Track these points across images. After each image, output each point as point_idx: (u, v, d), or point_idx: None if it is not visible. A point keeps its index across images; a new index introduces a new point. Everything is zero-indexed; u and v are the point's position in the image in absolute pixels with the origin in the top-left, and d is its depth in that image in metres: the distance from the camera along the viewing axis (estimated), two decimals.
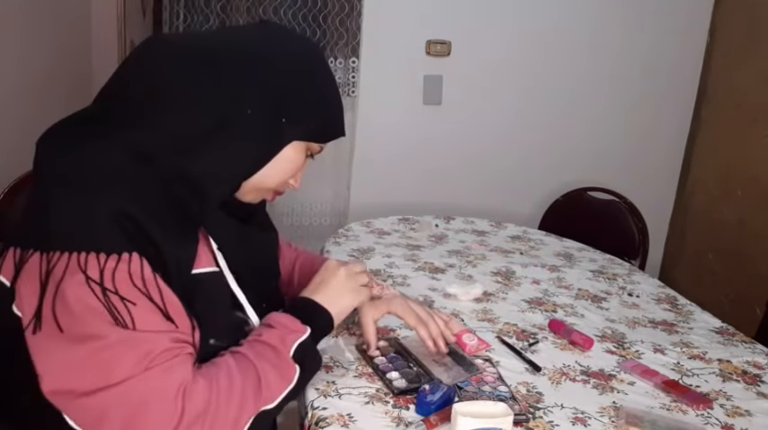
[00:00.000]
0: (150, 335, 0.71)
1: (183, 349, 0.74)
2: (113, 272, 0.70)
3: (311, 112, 0.88)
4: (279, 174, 0.88)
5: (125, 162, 0.75)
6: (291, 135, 0.86)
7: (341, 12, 2.53)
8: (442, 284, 1.48)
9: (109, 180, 0.73)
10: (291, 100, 0.85)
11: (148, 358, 0.70)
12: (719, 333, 1.32)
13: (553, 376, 1.09)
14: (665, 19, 2.62)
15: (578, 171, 2.68)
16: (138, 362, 0.69)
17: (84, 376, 0.69)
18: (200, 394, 0.73)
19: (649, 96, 2.71)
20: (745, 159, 2.42)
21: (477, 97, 2.66)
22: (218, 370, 0.77)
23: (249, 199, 0.91)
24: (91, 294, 0.69)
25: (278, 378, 0.81)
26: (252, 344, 0.84)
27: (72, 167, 0.74)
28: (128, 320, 0.69)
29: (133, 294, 0.70)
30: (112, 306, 0.69)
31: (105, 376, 0.68)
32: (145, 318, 0.71)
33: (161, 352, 0.71)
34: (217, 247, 0.86)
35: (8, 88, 2.04)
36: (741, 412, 1.02)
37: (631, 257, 2.08)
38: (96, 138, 0.76)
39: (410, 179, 2.71)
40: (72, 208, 0.72)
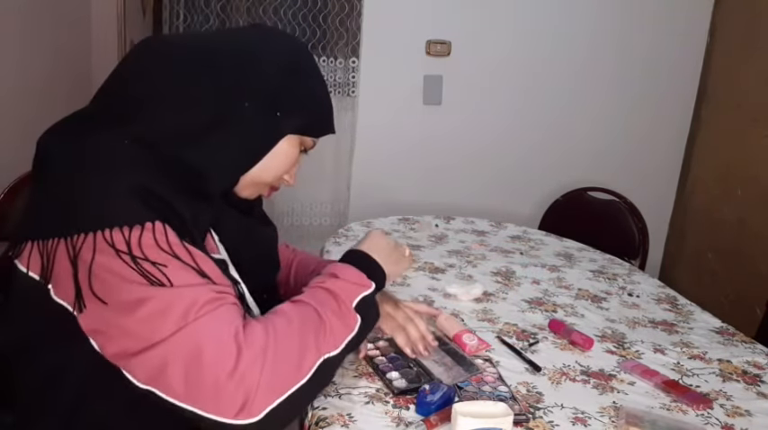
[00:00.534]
0: (190, 289, 0.72)
1: (227, 299, 0.75)
2: (139, 240, 0.71)
3: (303, 106, 0.91)
4: (275, 167, 0.90)
5: (130, 148, 0.76)
6: (286, 128, 0.89)
7: (341, 12, 2.53)
8: (441, 284, 1.48)
9: (120, 160, 0.74)
10: (284, 95, 0.87)
11: (195, 308, 0.71)
12: (719, 333, 1.32)
13: (553, 376, 1.09)
14: (665, 19, 2.63)
15: (578, 171, 2.68)
16: (185, 313, 0.71)
17: (138, 335, 0.70)
18: (257, 334, 0.73)
19: (649, 96, 2.71)
20: (745, 159, 2.42)
21: (477, 97, 2.66)
22: (276, 316, 0.79)
23: (246, 194, 0.93)
24: (123, 265, 0.70)
25: (341, 325, 0.83)
26: (314, 290, 0.86)
27: (80, 152, 0.75)
28: (164, 280, 0.71)
29: (163, 257, 0.72)
30: (146, 271, 0.71)
31: (158, 331, 0.70)
32: (180, 276, 0.72)
33: (205, 302, 0.72)
34: (218, 239, 0.87)
35: (8, 88, 2.04)
36: (741, 412, 1.02)
37: (631, 257, 2.08)
38: (98, 132, 0.77)
39: (410, 179, 2.71)
40: (88, 188, 0.72)
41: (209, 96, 0.81)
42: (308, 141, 0.94)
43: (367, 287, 0.90)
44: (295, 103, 0.89)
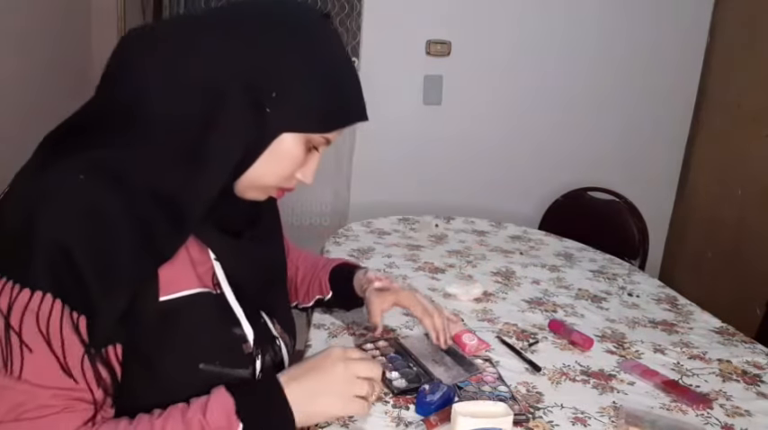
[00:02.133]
0: (31, 388, 0.65)
1: (70, 407, 0.67)
2: (23, 308, 0.65)
3: (302, 97, 0.74)
4: (276, 170, 0.78)
5: (92, 188, 0.68)
6: (278, 126, 0.74)
7: (341, 12, 2.53)
8: (442, 284, 1.48)
9: (60, 208, 0.66)
10: (275, 82, 0.72)
11: (21, 409, 0.65)
12: (719, 333, 1.32)
13: (553, 376, 1.09)
14: (665, 19, 2.62)
15: (578, 171, 2.68)
16: (9, 409, 0.65)
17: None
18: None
19: (649, 96, 2.70)
20: (745, 159, 2.42)
21: (477, 97, 2.66)
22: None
23: (252, 196, 0.82)
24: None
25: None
26: (172, 415, 0.72)
27: (29, 191, 0.69)
28: (16, 368, 0.65)
29: (34, 339, 0.65)
30: (9, 347, 0.65)
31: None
32: (35, 368, 0.66)
33: (35, 407, 0.65)
34: (215, 257, 0.80)
35: (8, 88, 2.03)
36: (741, 412, 1.02)
37: (631, 257, 2.08)
38: (67, 155, 0.70)
39: (410, 179, 2.71)
40: (13, 232, 0.66)
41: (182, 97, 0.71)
42: (317, 138, 0.78)
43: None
44: (289, 94, 0.73)
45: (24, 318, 0.65)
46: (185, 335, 0.75)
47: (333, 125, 0.78)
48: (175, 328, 0.74)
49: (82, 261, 0.66)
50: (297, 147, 0.77)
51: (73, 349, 0.67)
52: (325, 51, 0.76)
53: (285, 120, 0.74)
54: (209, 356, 0.77)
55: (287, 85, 0.73)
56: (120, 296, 0.69)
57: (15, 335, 0.65)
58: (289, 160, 0.78)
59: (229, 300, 0.81)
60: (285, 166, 0.78)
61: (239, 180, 0.78)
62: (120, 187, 0.69)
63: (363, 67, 2.57)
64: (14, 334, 0.65)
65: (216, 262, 0.81)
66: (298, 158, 0.78)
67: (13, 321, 0.65)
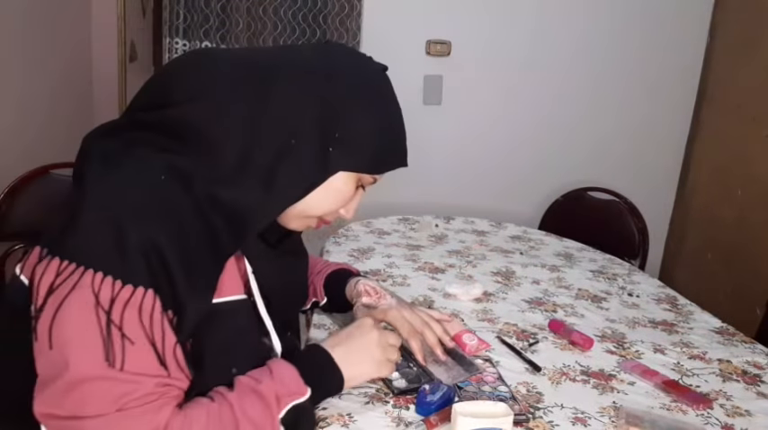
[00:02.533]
0: (135, 377, 0.69)
1: (167, 393, 0.72)
2: (125, 303, 0.68)
3: (361, 143, 0.83)
4: (325, 203, 0.85)
5: (164, 187, 0.73)
6: (338, 165, 0.83)
7: (341, 12, 2.53)
8: (442, 284, 1.48)
9: (148, 206, 0.71)
10: (340, 128, 0.81)
11: (125, 399, 0.68)
12: (719, 333, 1.32)
13: (553, 376, 1.09)
14: (666, 19, 2.62)
15: (578, 171, 2.68)
16: (113, 401, 0.68)
17: (60, 401, 0.68)
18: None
19: (649, 96, 2.70)
20: (745, 159, 2.42)
21: (477, 97, 2.66)
22: (195, 422, 0.73)
23: (293, 226, 0.89)
24: (93, 322, 0.68)
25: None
26: (244, 392, 0.78)
27: (115, 184, 0.72)
28: (118, 360, 0.68)
29: (135, 332, 0.69)
30: (110, 341, 0.68)
31: (80, 407, 0.67)
32: (137, 360, 0.69)
33: (141, 395, 0.69)
34: (251, 271, 0.84)
35: (8, 88, 2.03)
36: (741, 412, 1.02)
37: (631, 257, 2.08)
38: (145, 156, 0.74)
39: (410, 179, 2.70)
40: (103, 225, 0.70)
41: (254, 124, 0.77)
42: (366, 178, 0.88)
43: (300, 395, 0.81)
44: (352, 140, 0.82)
45: (125, 313, 0.68)
46: (225, 339, 0.79)
47: (383, 167, 0.88)
48: (219, 331, 0.78)
49: (173, 259, 0.70)
50: (348, 185, 0.86)
51: (168, 341, 0.71)
52: (384, 102, 0.87)
53: (344, 160, 0.83)
54: (242, 362, 0.82)
55: (350, 130, 0.82)
56: (205, 291, 0.75)
57: (117, 330, 0.68)
58: (339, 196, 0.86)
59: (260, 309, 0.86)
60: (334, 201, 0.86)
61: (289, 210, 0.84)
62: (195, 193, 0.74)
63: None
64: (116, 328, 0.68)
65: (251, 274, 0.85)
66: (347, 195, 0.87)
67: (114, 316, 0.68)
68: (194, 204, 0.74)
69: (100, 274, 0.68)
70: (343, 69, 0.83)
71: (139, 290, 0.69)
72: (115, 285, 0.68)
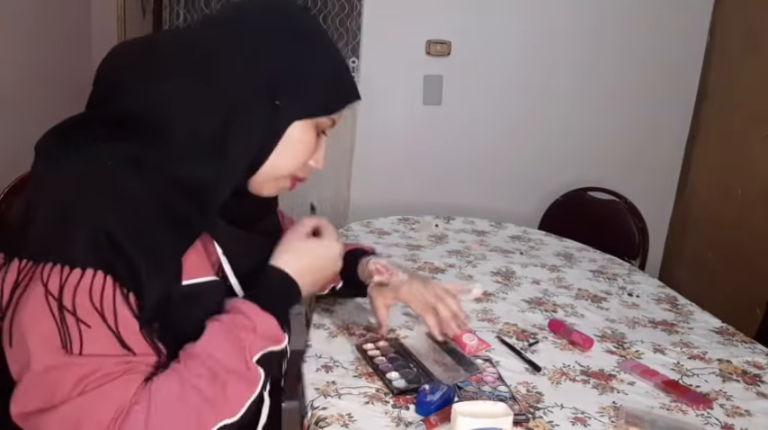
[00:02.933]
0: (95, 360, 0.68)
1: (131, 369, 0.70)
2: (75, 288, 0.67)
3: (305, 87, 0.82)
4: (290, 159, 0.84)
5: (116, 173, 0.72)
6: (290, 116, 0.81)
7: (341, 12, 2.53)
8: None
9: (96, 191, 0.70)
10: (282, 78, 0.80)
11: (85, 381, 0.67)
12: (719, 333, 1.32)
13: (553, 376, 1.09)
14: (665, 19, 2.62)
15: (578, 171, 2.68)
16: (74, 385, 0.67)
17: (30, 398, 0.68)
18: (136, 420, 0.68)
19: (649, 96, 2.70)
20: (745, 159, 2.42)
21: (477, 97, 2.66)
22: (165, 389, 0.71)
23: (268, 191, 0.88)
24: (46, 311, 0.67)
25: (241, 387, 0.75)
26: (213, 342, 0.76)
27: (63, 176, 0.72)
28: (75, 345, 0.67)
29: (89, 315, 0.68)
30: (65, 327, 0.67)
31: (47, 398, 0.67)
32: (95, 341, 0.68)
33: (100, 376, 0.68)
34: (222, 252, 0.84)
35: (8, 88, 2.04)
36: (741, 412, 1.02)
37: (631, 257, 2.08)
38: (93, 146, 0.74)
39: (410, 179, 2.71)
40: (51, 218, 0.69)
41: (196, 98, 0.77)
42: (324, 122, 0.86)
43: (279, 342, 0.80)
44: (295, 86, 0.81)
45: (77, 297, 0.67)
46: (196, 321, 0.78)
47: (336, 105, 0.86)
48: (189, 313, 0.78)
49: (124, 240, 0.69)
50: (308, 134, 0.84)
51: (127, 321, 0.70)
52: (316, 42, 0.84)
53: (295, 109, 0.81)
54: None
55: (291, 78, 0.80)
56: (164, 271, 0.73)
57: (70, 315, 0.67)
58: (302, 148, 0.84)
59: (236, 291, 0.86)
60: (300, 154, 0.85)
61: (257, 175, 0.83)
62: (146, 175, 0.73)
63: (363, 66, 2.57)
64: (69, 313, 0.67)
65: (222, 256, 0.84)
66: (310, 145, 0.85)
67: (66, 302, 0.67)
68: (147, 186, 0.73)
69: (49, 265, 0.68)
70: (272, 20, 0.82)
71: (88, 272, 0.68)
72: (63, 271, 0.67)
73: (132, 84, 0.78)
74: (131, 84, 0.78)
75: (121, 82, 0.79)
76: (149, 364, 0.73)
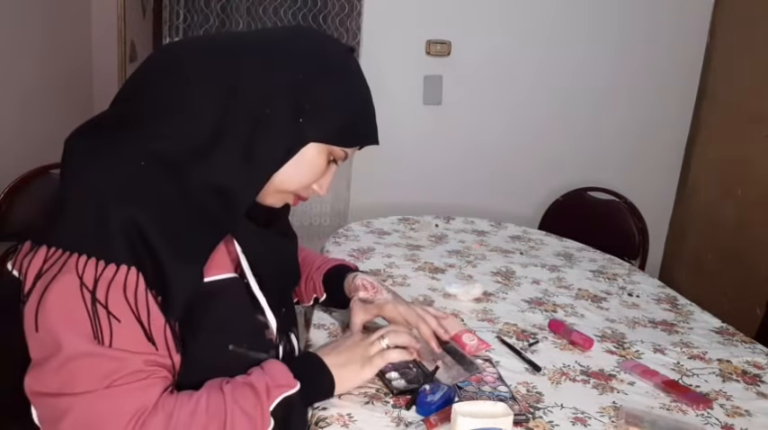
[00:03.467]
0: (123, 354, 0.70)
1: (155, 372, 0.73)
2: (109, 282, 0.70)
3: (330, 113, 0.85)
4: (299, 176, 0.86)
5: (150, 170, 0.75)
6: (309, 136, 0.84)
7: (341, 12, 2.53)
8: (441, 284, 1.48)
9: (128, 187, 0.73)
10: (309, 99, 0.82)
11: (114, 376, 0.70)
12: (719, 333, 1.32)
13: (553, 376, 1.09)
14: (666, 19, 2.62)
15: (578, 171, 2.68)
16: (102, 378, 0.69)
17: (51, 379, 0.69)
18: (155, 426, 0.71)
19: (649, 96, 2.71)
20: (745, 159, 2.42)
21: (477, 97, 2.66)
22: (185, 405, 0.75)
23: (270, 202, 0.89)
24: (79, 302, 0.69)
25: (248, 428, 0.78)
26: (236, 384, 0.80)
27: (96, 171, 0.74)
28: (106, 337, 0.69)
29: (121, 310, 0.70)
30: (97, 319, 0.69)
31: (70, 384, 0.69)
32: (125, 337, 0.71)
33: (129, 372, 0.71)
34: (241, 251, 0.86)
35: (8, 88, 2.04)
36: (741, 412, 1.02)
37: (631, 257, 2.08)
38: (124, 145, 0.76)
39: (410, 179, 2.71)
40: (84, 210, 0.72)
41: (227, 99, 0.78)
42: (337, 151, 0.88)
43: (289, 387, 0.82)
44: (321, 110, 0.83)
45: (110, 291, 0.70)
46: (219, 317, 0.81)
47: (353, 141, 0.89)
48: (213, 309, 0.80)
49: (156, 240, 0.72)
50: (320, 158, 0.87)
51: (156, 318, 0.73)
52: (352, 80, 0.88)
53: (315, 131, 0.84)
54: (238, 339, 0.84)
55: (318, 102, 0.83)
56: (187, 269, 0.76)
57: (102, 308, 0.70)
58: (311, 169, 0.87)
59: (253, 288, 0.88)
60: (307, 175, 0.87)
61: (266, 184, 0.85)
62: (176, 175, 0.76)
63: (363, 67, 2.56)
64: (101, 307, 0.69)
65: (242, 254, 0.86)
66: (319, 169, 0.88)
67: (99, 295, 0.69)
68: (177, 185, 0.75)
69: (84, 257, 0.70)
70: (312, 47, 0.86)
71: (122, 268, 0.70)
72: (99, 265, 0.70)
73: (165, 81, 0.80)
74: (164, 81, 0.80)
75: (152, 78, 0.82)
76: (170, 367, 0.76)
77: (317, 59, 0.85)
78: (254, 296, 0.88)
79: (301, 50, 0.84)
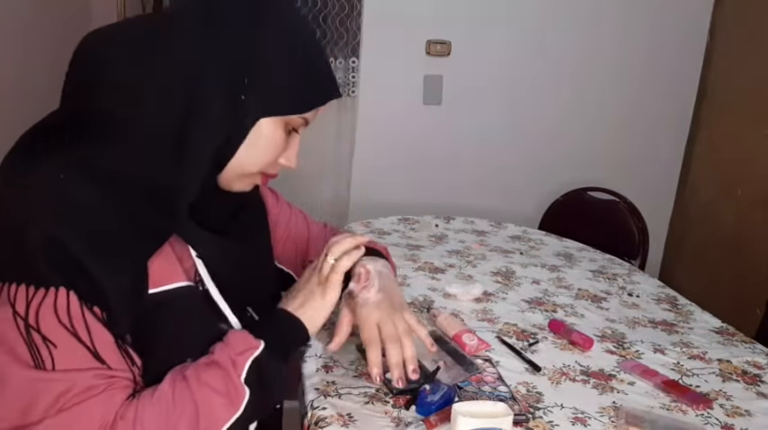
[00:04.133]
0: (68, 375, 0.67)
1: (111, 384, 0.70)
2: (38, 307, 0.66)
3: (274, 83, 0.76)
4: (257, 157, 0.79)
5: (68, 184, 0.70)
6: (256, 112, 0.76)
7: (341, 12, 2.53)
8: (441, 284, 1.48)
9: (49, 206, 0.69)
10: (247, 71, 0.74)
11: (64, 398, 0.66)
12: (719, 333, 1.32)
13: (553, 376, 1.09)
14: (665, 19, 2.62)
15: (578, 171, 2.68)
16: (53, 403, 0.66)
17: (8, 414, 0.67)
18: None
19: (649, 96, 2.70)
20: (745, 159, 2.42)
21: (477, 97, 2.66)
22: (148, 406, 0.71)
23: (238, 187, 0.83)
24: (15, 331, 0.66)
25: (222, 406, 0.74)
26: (200, 366, 0.76)
27: (17, 192, 0.70)
28: (47, 362, 0.66)
29: (56, 333, 0.67)
30: (33, 346, 0.66)
31: (24, 415, 0.66)
32: (66, 358, 0.67)
33: (79, 391, 0.67)
34: (196, 255, 0.81)
35: (7, 88, 2.03)
36: (741, 412, 1.02)
37: (631, 257, 2.08)
38: (48, 157, 0.72)
39: (410, 179, 2.70)
40: (7, 238, 0.68)
41: (154, 93, 0.72)
42: (295, 120, 0.80)
43: (253, 349, 0.78)
44: (261, 81, 0.75)
45: (41, 316, 0.66)
46: (173, 329, 0.77)
47: (308, 105, 0.80)
48: (164, 322, 0.76)
49: (80, 251, 0.67)
50: (276, 132, 0.79)
51: (100, 335, 0.69)
52: (292, 33, 0.78)
53: (261, 105, 0.76)
54: (196, 351, 0.79)
55: (259, 72, 0.75)
56: (122, 278, 0.71)
57: (37, 334, 0.66)
58: (270, 145, 0.79)
59: (213, 295, 0.82)
60: (267, 152, 0.80)
61: (224, 172, 0.80)
62: (102, 181, 0.71)
63: (363, 66, 2.57)
64: (35, 333, 0.66)
65: (197, 259, 0.81)
66: (279, 143, 0.80)
67: (31, 321, 0.66)
68: (101, 191, 0.70)
69: (14, 285, 0.67)
70: (233, 11, 0.75)
71: (51, 290, 0.67)
72: (28, 291, 0.66)
73: (91, 79, 0.75)
74: (85, 82, 0.76)
75: (74, 80, 0.77)
76: (128, 378, 0.72)
77: (248, 21, 0.75)
78: (214, 304, 0.82)
79: (229, 17, 0.75)
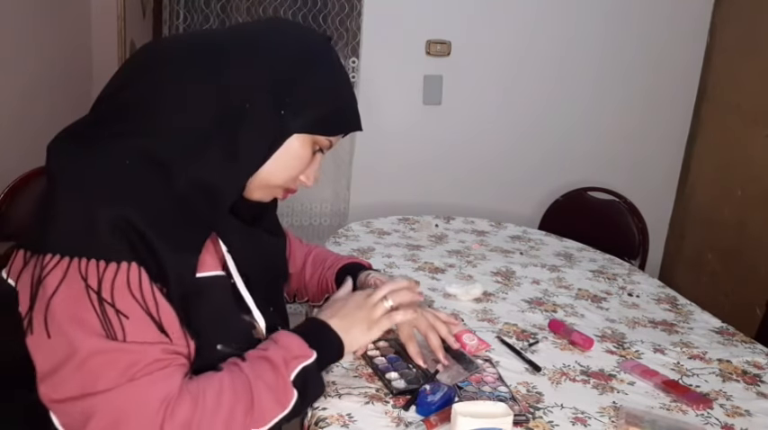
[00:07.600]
0: (139, 346, 0.71)
1: (175, 360, 0.74)
2: (112, 281, 0.70)
3: (311, 103, 0.85)
4: (284, 169, 0.86)
5: (135, 168, 0.74)
6: (292, 127, 0.84)
7: (341, 12, 2.53)
8: (442, 284, 1.48)
9: (115, 186, 0.73)
10: (289, 90, 0.83)
11: (134, 369, 0.70)
12: (719, 333, 1.32)
13: (553, 376, 1.09)
14: (666, 19, 2.62)
15: (578, 171, 2.68)
16: (122, 372, 0.69)
17: (70, 383, 0.69)
18: (184, 411, 0.72)
19: (649, 96, 2.71)
20: (745, 159, 2.42)
21: (477, 97, 2.66)
22: (209, 386, 0.76)
23: (258, 197, 0.89)
24: (87, 304, 0.69)
25: (273, 402, 0.80)
26: (254, 360, 0.82)
27: (81, 172, 0.74)
28: (119, 334, 0.70)
29: (129, 306, 0.71)
30: (106, 318, 0.69)
31: (91, 384, 0.69)
32: (137, 330, 0.71)
33: (148, 363, 0.71)
34: (226, 250, 0.85)
35: (7, 88, 2.03)
36: (741, 412, 1.02)
37: (631, 257, 2.08)
38: (107, 143, 0.76)
39: (410, 179, 2.71)
40: (75, 213, 0.71)
41: (207, 95, 0.78)
42: (322, 141, 0.88)
43: (306, 357, 0.85)
44: (302, 101, 0.84)
45: (115, 290, 0.70)
46: (208, 315, 0.81)
47: (336, 129, 0.89)
48: (202, 306, 0.80)
49: (147, 229, 0.72)
50: (304, 148, 0.87)
51: (166, 310, 0.74)
52: (331, 68, 0.88)
53: (297, 121, 0.84)
54: (227, 338, 0.83)
55: (298, 93, 0.83)
56: (186, 260, 0.77)
57: (110, 307, 0.70)
58: (297, 160, 0.87)
59: (239, 287, 0.87)
60: (293, 166, 0.87)
61: (251, 179, 0.85)
62: (162, 172, 0.76)
63: (363, 67, 2.57)
64: (109, 305, 0.70)
65: (227, 252, 0.86)
66: (304, 159, 0.88)
67: (105, 295, 0.70)
68: (162, 182, 0.75)
69: (84, 260, 0.70)
70: (289, 39, 0.86)
71: (123, 265, 0.71)
72: (99, 266, 0.70)
73: (147, 79, 0.80)
74: (146, 79, 0.80)
75: (135, 78, 0.81)
76: (185, 355, 0.77)
77: (295, 52, 0.85)
78: (239, 296, 0.87)
79: (279, 44, 0.84)
